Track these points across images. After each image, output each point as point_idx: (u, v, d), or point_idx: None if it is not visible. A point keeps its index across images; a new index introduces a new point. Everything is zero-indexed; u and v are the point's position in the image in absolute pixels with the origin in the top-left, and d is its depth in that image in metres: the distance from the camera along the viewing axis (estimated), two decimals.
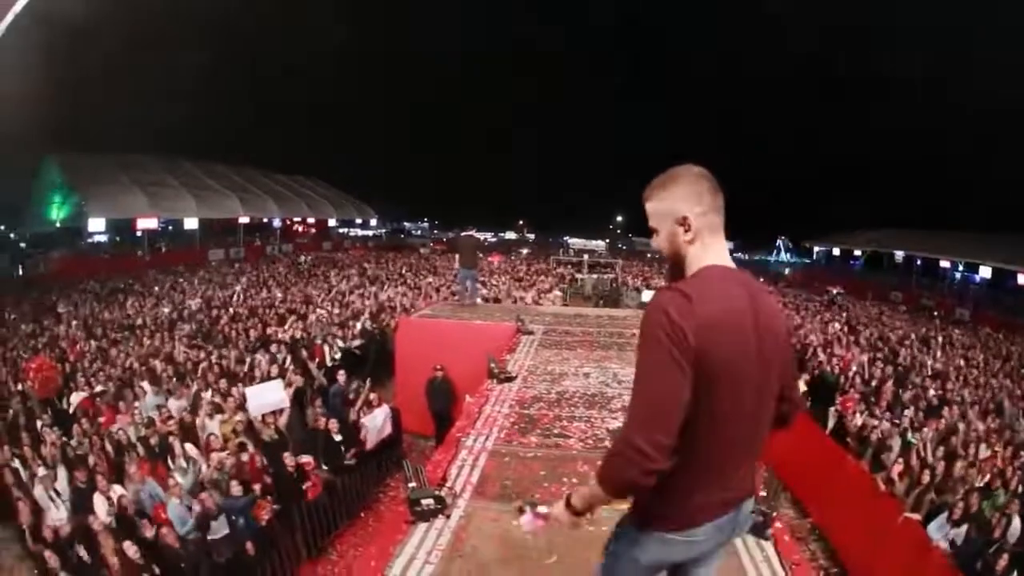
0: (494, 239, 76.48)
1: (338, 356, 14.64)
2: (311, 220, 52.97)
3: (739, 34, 76.01)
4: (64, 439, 9.50)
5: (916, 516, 8.34)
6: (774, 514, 5.03)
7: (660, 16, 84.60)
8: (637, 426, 1.93)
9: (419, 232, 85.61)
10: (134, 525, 7.31)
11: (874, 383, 13.76)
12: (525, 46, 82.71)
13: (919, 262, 45.12)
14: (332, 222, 57.07)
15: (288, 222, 49.32)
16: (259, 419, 9.81)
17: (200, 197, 39.44)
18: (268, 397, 10.05)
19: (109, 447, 9.16)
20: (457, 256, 15.63)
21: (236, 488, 7.88)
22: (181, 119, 47.46)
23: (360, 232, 65.92)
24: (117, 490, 7.92)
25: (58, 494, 8.10)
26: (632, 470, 1.92)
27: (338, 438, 9.87)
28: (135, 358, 13.53)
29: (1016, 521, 8.04)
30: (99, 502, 7.69)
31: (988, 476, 9.43)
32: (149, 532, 7.16)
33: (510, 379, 9.38)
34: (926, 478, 8.99)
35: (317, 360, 13.88)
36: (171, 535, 7.14)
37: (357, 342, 15.71)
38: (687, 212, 2.10)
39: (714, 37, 78.22)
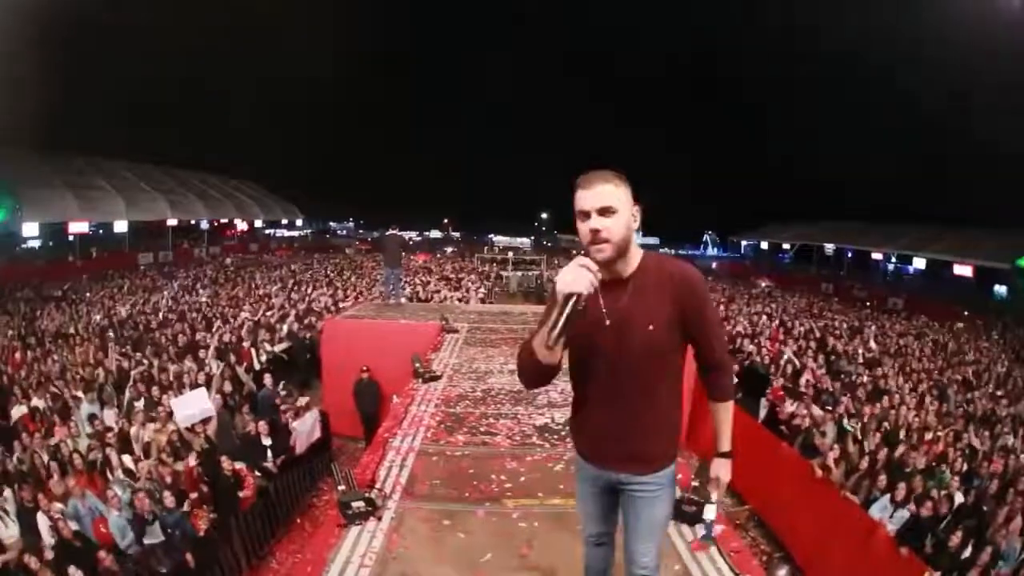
0: (419, 238, 76.45)
1: (264, 360, 14.35)
2: (238, 221, 51.93)
3: (666, 31, 77.23)
4: (5, 455, 9.09)
5: (854, 498, 8.52)
6: (713, 499, 4.99)
7: (584, 14, 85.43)
8: (726, 345, 2.72)
9: (344, 232, 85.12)
10: (74, 548, 7.01)
11: (805, 372, 13.92)
12: (453, 44, 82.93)
13: (850, 254, 46.02)
14: (259, 223, 56.17)
15: (215, 224, 48.38)
16: (187, 428, 9.60)
17: (130, 199, 38.66)
18: (194, 407, 9.85)
19: (49, 461, 8.79)
20: (381, 255, 15.54)
21: (169, 499, 7.64)
22: (104, 117, 46.57)
23: (286, 233, 64.92)
24: (57, 508, 7.58)
25: (6, 512, 7.71)
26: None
27: (267, 442, 9.68)
28: (70, 368, 13.17)
29: (958, 498, 8.35)
30: (42, 522, 7.36)
31: (931, 459, 9.67)
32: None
33: (435, 378, 9.42)
34: (864, 464, 9.17)
35: (245, 364, 13.61)
36: (108, 559, 6.81)
37: (284, 345, 15.46)
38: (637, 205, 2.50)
39: (641, 33, 79.09)
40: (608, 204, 2.36)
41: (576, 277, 2.24)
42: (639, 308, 2.48)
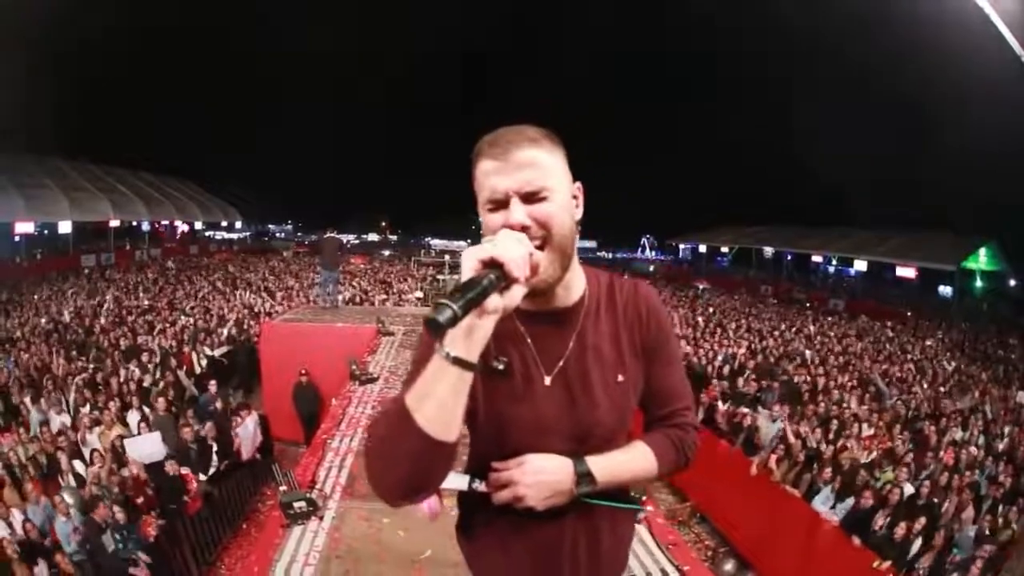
0: (357, 241, 75.94)
1: (204, 364, 14.25)
2: (178, 223, 50.84)
3: (592, 36, 77.92)
4: None
5: (795, 491, 8.82)
6: (643, 498, 5.07)
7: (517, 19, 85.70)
8: (691, 396, 1.79)
9: (283, 234, 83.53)
10: (39, 550, 7.05)
11: (745, 373, 14.16)
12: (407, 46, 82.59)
13: (789, 257, 46.15)
14: (199, 225, 54.83)
15: (156, 225, 47.49)
16: None
17: (73, 199, 37.59)
18: (146, 449, 9.69)
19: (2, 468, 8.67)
20: (319, 258, 15.51)
21: (120, 513, 7.55)
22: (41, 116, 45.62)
23: (225, 235, 63.27)
24: (17, 515, 7.56)
25: None
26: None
27: (213, 447, 9.71)
28: (17, 373, 12.88)
29: (908, 489, 8.58)
30: (2, 528, 7.30)
31: (874, 453, 9.98)
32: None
33: (372, 380, 9.58)
34: (802, 457, 9.43)
35: (186, 368, 13.54)
36: (65, 561, 6.89)
37: (223, 349, 15.32)
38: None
39: (577, 36, 79.54)
40: (538, 184, 1.39)
41: (508, 242, 1.29)
42: (597, 353, 1.58)
